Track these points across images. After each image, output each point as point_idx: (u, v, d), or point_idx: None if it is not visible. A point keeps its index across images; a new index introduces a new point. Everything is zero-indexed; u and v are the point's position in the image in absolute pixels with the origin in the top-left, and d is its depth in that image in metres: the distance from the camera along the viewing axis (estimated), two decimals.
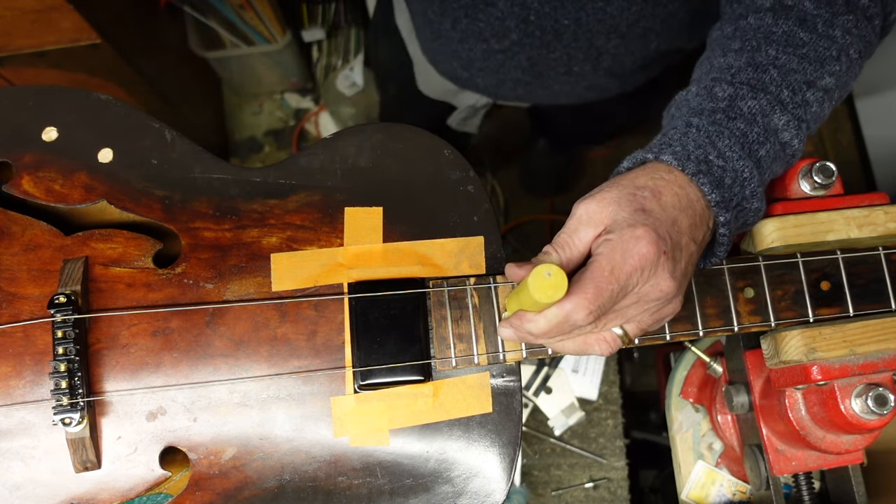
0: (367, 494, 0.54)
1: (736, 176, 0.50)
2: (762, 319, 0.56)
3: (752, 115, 0.51)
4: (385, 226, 0.57)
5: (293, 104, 1.86)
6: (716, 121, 0.51)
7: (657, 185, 0.48)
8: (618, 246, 0.44)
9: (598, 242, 0.46)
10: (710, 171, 0.49)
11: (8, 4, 1.11)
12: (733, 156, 0.50)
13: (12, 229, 0.56)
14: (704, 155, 0.49)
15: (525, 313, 0.47)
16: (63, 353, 0.51)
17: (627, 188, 0.47)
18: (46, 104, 0.58)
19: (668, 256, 0.45)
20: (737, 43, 0.55)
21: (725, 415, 0.71)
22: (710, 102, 0.52)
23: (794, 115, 0.52)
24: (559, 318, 0.45)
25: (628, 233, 0.44)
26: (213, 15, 1.58)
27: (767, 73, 0.53)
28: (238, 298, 0.55)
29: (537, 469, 0.99)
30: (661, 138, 0.52)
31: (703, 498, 0.74)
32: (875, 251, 0.57)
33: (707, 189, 0.48)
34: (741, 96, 0.52)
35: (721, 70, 0.54)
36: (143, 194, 0.57)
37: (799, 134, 0.53)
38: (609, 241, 0.45)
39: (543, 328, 0.46)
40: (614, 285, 0.44)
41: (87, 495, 0.52)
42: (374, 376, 0.54)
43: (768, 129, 0.52)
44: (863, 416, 0.53)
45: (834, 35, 0.54)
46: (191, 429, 0.53)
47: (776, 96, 0.52)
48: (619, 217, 0.46)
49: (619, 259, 0.44)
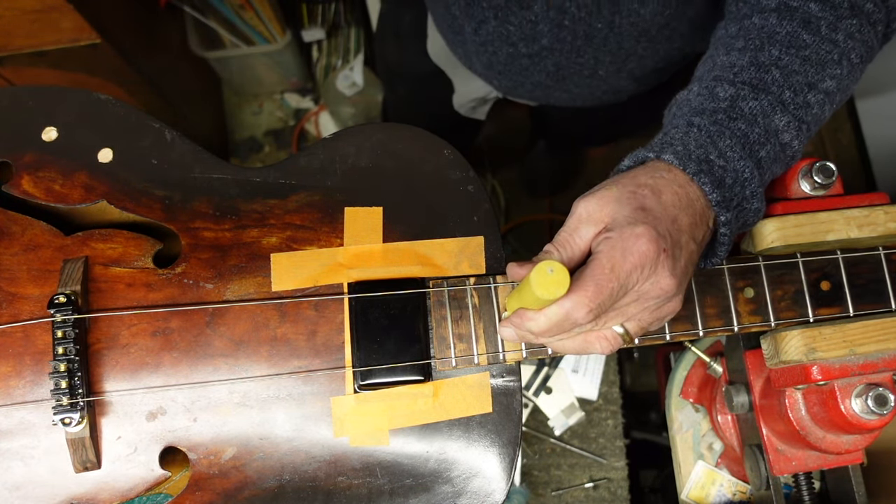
0: (367, 494, 0.54)
1: (737, 176, 0.50)
2: (762, 319, 0.56)
3: (754, 115, 0.51)
4: (385, 226, 0.57)
5: (293, 104, 1.86)
6: (717, 121, 0.51)
7: (658, 183, 0.48)
8: (618, 244, 0.44)
9: (599, 240, 0.46)
10: (711, 170, 0.49)
11: (8, 4, 1.11)
12: (734, 156, 0.50)
13: (12, 229, 0.56)
14: (705, 154, 0.49)
15: (526, 311, 0.47)
16: (63, 353, 0.51)
17: (628, 186, 0.47)
18: (46, 104, 0.58)
19: (668, 254, 0.45)
20: (740, 42, 0.55)
21: (725, 415, 0.71)
22: (712, 102, 0.52)
23: (796, 116, 0.52)
24: (560, 316, 0.45)
25: (628, 231, 0.44)
26: (213, 15, 1.58)
27: (770, 73, 0.53)
28: (238, 298, 0.55)
29: (537, 469, 0.99)
30: (662, 137, 0.52)
31: (704, 498, 0.74)
32: (875, 251, 0.57)
33: (708, 189, 0.48)
34: (743, 97, 0.52)
35: (723, 69, 0.54)
36: (143, 194, 0.57)
37: (799, 135, 0.53)
38: (609, 238, 0.45)
39: (544, 326, 0.46)
40: (614, 283, 0.44)
41: (87, 495, 0.52)
42: (374, 376, 0.54)
43: (769, 129, 0.52)
44: (863, 416, 0.53)
45: (837, 39, 0.54)
46: (191, 429, 0.53)
47: (778, 97, 0.52)
48: (619, 215, 0.46)
49: (620, 257, 0.44)
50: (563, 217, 0.50)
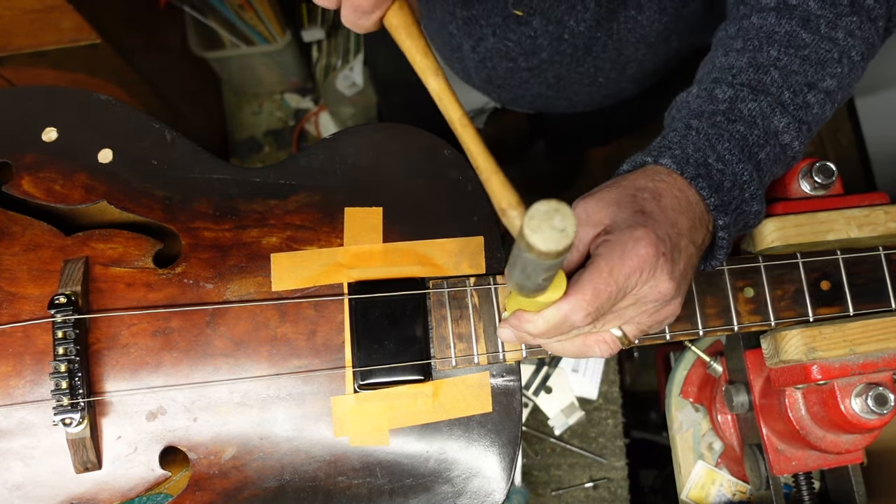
0: (366, 494, 0.54)
1: (735, 179, 0.50)
2: (762, 319, 0.56)
3: (753, 117, 0.51)
4: (385, 226, 0.57)
5: (293, 104, 1.86)
6: (715, 123, 0.51)
7: (658, 187, 0.48)
8: (616, 247, 0.44)
9: (597, 243, 0.46)
10: (709, 174, 0.49)
11: (8, 4, 1.11)
12: (732, 159, 0.50)
13: (13, 229, 0.56)
14: (703, 158, 0.49)
15: (524, 313, 0.47)
16: (63, 353, 0.51)
17: (628, 189, 0.47)
18: (46, 105, 0.58)
19: (668, 258, 0.45)
20: (739, 42, 0.55)
21: (725, 414, 0.71)
22: (711, 104, 0.52)
23: (795, 116, 0.52)
24: (557, 319, 0.45)
25: (627, 234, 0.44)
26: (213, 15, 1.58)
27: (769, 74, 0.52)
28: (238, 298, 0.55)
29: (537, 469, 0.99)
30: (660, 141, 0.52)
31: (703, 498, 0.74)
32: (875, 251, 0.57)
33: (706, 193, 0.48)
34: (741, 98, 0.52)
35: (722, 70, 0.54)
36: (144, 195, 0.57)
37: (800, 136, 0.53)
38: (608, 242, 0.45)
39: (542, 328, 0.46)
40: (612, 287, 0.44)
41: (88, 495, 0.52)
42: (373, 376, 0.54)
43: (768, 131, 0.51)
44: (862, 416, 0.53)
45: (836, 37, 0.53)
46: (191, 428, 0.53)
47: (777, 98, 0.52)
48: (618, 218, 0.46)
49: (618, 260, 0.44)
50: None
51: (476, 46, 0.79)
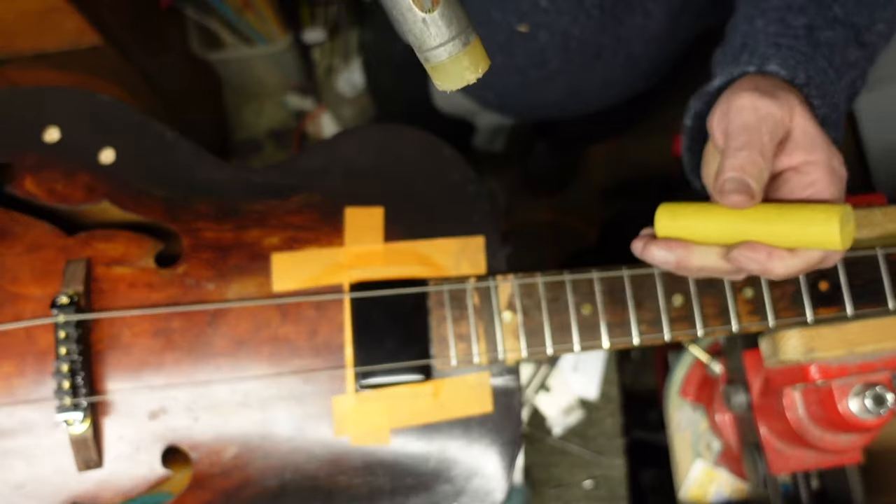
0: (367, 493, 0.54)
1: (833, 99, 0.48)
2: (761, 319, 0.56)
3: (830, 45, 0.49)
4: (385, 226, 0.58)
5: (294, 105, 1.86)
6: (803, 46, 0.48)
7: (798, 97, 0.45)
8: (837, 184, 0.43)
9: (809, 169, 0.43)
10: (819, 85, 0.47)
11: (10, 6, 1.11)
12: (827, 79, 0.48)
13: (15, 229, 0.56)
14: (805, 71, 0.47)
15: (772, 249, 0.42)
16: (65, 353, 0.51)
17: (789, 100, 0.44)
18: (48, 105, 0.59)
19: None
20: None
21: (724, 414, 0.71)
22: (789, 30, 0.49)
23: (864, 53, 0.50)
24: (815, 261, 0.42)
25: (836, 162, 0.44)
26: (214, 16, 1.58)
27: (831, 10, 0.50)
28: (239, 298, 0.55)
29: (536, 468, 0.99)
30: (748, 56, 0.48)
31: (702, 497, 0.74)
32: (873, 251, 0.58)
33: (817, 102, 0.47)
34: (818, 26, 0.49)
35: (779, 9, 0.51)
36: (145, 195, 0.57)
37: (863, 74, 0.51)
38: (826, 174, 0.43)
39: (793, 270, 0.42)
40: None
41: (89, 494, 0.53)
42: (374, 376, 0.54)
43: (845, 62, 0.49)
44: (860, 416, 0.53)
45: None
46: (192, 428, 0.54)
47: (853, 28, 0.50)
48: (813, 134, 0.44)
49: (839, 194, 0.43)
50: (563, 217, 0.50)
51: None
